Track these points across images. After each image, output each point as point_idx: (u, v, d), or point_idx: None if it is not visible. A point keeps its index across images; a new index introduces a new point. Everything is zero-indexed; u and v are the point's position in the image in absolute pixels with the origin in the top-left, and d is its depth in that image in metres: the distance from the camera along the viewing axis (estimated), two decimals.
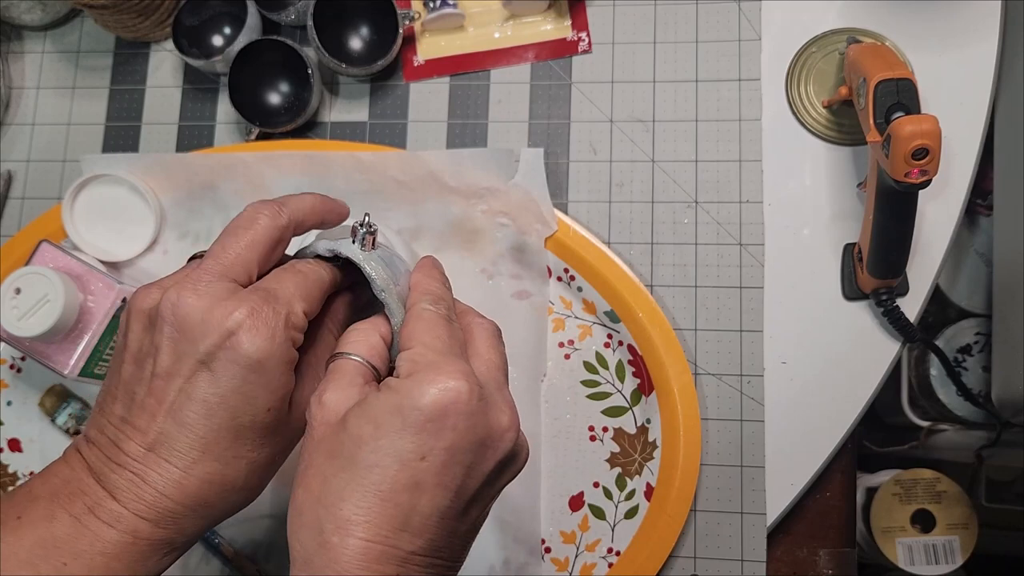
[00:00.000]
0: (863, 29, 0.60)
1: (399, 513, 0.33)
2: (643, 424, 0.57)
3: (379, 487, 0.33)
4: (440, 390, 0.34)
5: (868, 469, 0.86)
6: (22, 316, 0.51)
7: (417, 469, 0.33)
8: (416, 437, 0.33)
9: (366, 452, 0.33)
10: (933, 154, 0.46)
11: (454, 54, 0.63)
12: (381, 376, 0.39)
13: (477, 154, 0.58)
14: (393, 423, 0.33)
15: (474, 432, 0.34)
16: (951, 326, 0.79)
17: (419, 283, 0.41)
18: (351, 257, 0.40)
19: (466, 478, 0.35)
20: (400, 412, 0.34)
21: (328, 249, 0.40)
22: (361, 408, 0.35)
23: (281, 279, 0.38)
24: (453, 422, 0.34)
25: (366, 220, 0.41)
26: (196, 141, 0.64)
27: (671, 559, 0.55)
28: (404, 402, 0.34)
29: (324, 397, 0.36)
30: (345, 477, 0.34)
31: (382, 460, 0.33)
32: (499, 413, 0.36)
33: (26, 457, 0.60)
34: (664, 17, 0.62)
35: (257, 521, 0.57)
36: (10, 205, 0.65)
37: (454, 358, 0.36)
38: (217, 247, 0.37)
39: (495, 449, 0.36)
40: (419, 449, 0.33)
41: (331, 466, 0.34)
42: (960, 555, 0.79)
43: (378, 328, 0.39)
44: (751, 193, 0.59)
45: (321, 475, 0.34)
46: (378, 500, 0.33)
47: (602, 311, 0.58)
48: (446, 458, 0.34)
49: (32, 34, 0.67)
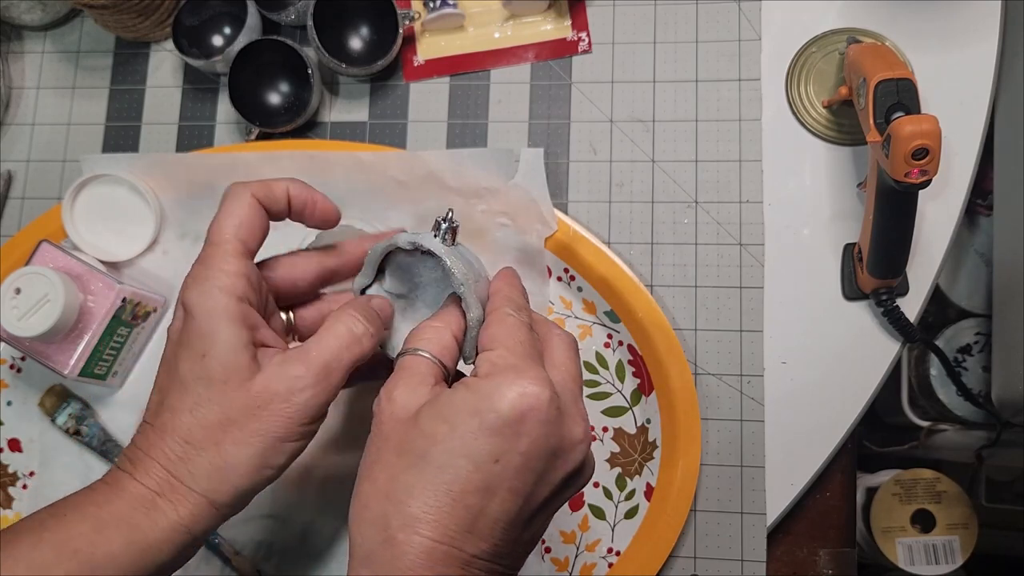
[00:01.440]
0: (863, 29, 0.60)
1: (468, 515, 0.33)
2: (643, 424, 0.57)
3: (451, 487, 0.33)
4: (519, 394, 0.34)
5: (868, 469, 0.86)
6: (22, 316, 0.51)
7: (490, 472, 0.33)
8: (492, 440, 0.33)
9: (439, 451, 0.33)
10: (933, 154, 0.46)
11: (454, 54, 0.63)
12: (450, 374, 0.39)
13: (477, 154, 0.58)
14: (470, 424, 0.33)
15: (548, 440, 0.34)
16: (951, 326, 0.79)
17: (501, 289, 0.41)
18: (433, 249, 0.41)
19: (536, 485, 0.35)
20: (478, 413, 0.33)
21: (409, 241, 0.41)
22: (436, 407, 0.35)
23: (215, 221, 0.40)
24: (530, 428, 0.34)
25: (450, 216, 0.42)
26: (196, 141, 0.64)
27: (671, 559, 0.55)
28: (482, 403, 0.34)
29: (395, 394, 0.36)
30: (415, 474, 0.33)
31: (455, 460, 0.33)
32: (573, 424, 0.36)
33: (26, 457, 0.60)
34: (664, 17, 0.62)
35: (257, 521, 0.57)
36: (10, 205, 0.65)
37: (534, 364, 0.36)
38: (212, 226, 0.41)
39: (566, 460, 0.36)
40: (494, 452, 0.33)
41: (401, 463, 0.34)
42: (960, 555, 0.79)
43: (451, 326, 0.39)
44: (751, 193, 0.59)
45: (390, 470, 0.34)
46: (448, 500, 0.33)
47: (602, 311, 0.58)
48: (520, 463, 0.34)
49: (32, 34, 0.67)
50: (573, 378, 0.38)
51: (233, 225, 0.40)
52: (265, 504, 0.57)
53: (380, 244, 0.43)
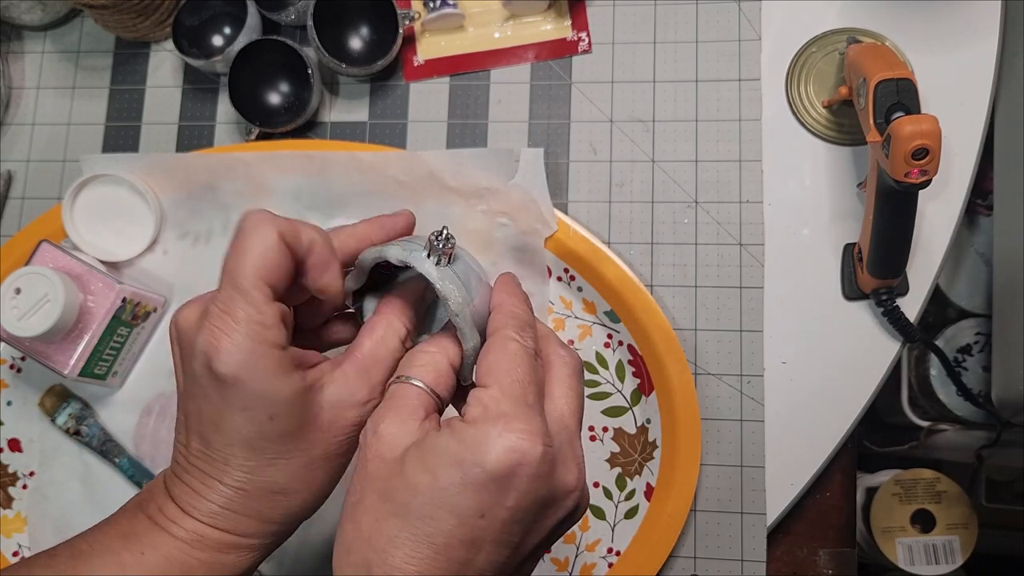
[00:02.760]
0: (863, 29, 0.60)
1: (452, 567, 0.32)
2: (643, 424, 0.57)
3: (433, 540, 0.32)
4: (507, 449, 0.32)
5: (868, 469, 0.86)
6: (22, 316, 0.51)
7: (475, 527, 0.32)
8: (476, 495, 0.32)
9: (421, 502, 0.32)
10: (933, 154, 0.46)
11: (454, 54, 0.63)
12: (444, 405, 0.37)
13: (477, 154, 0.58)
14: (453, 476, 0.32)
15: (538, 494, 0.33)
16: (951, 326, 0.79)
17: (503, 304, 0.38)
18: (424, 273, 0.37)
19: (525, 536, 0.34)
20: (461, 466, 0.32)
21: (400, 260, 0.38)
22: (420, 452, 0.33)
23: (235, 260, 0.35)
24: (518, 483, 0.32)
25: (444, 233, 0.38)
26: (196, 141, 0.64)
27: (671, 559, 0.55)
28: (467, 456, 0.32)
29: (381, 428, 0.34)
30: (398, 524, 0.32)
31: (437, 513, 0.32)
32: (566, 472, 0.34)
33: (26, 457, 0.60)
34: (664, 17, 0.62)
35: None
36: (10, 205, 0.65)
37: (528, 411, 0.33)
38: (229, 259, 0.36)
39: (557, 508, 0.34)
40: (479, 507, 0.32)
41: (383, 508, 0.33)
42: (960, 555, 0.79)
43: (447, 352, 0.37)
44: (751, 193, 0.59)
45: (373, 515, 0.33)
46: (431, 552, 0.32)
47: (602, 311, 0.58)
48: (507, 517, 0.32)
49: (32, 34, 0.67)
50: (572, 413, 0.36)
51: (255, 266, 0.34)
52: None
53: (371, 251, 0.39)
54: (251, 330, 0.34)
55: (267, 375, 0.34)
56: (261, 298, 0.34)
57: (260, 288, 0.34)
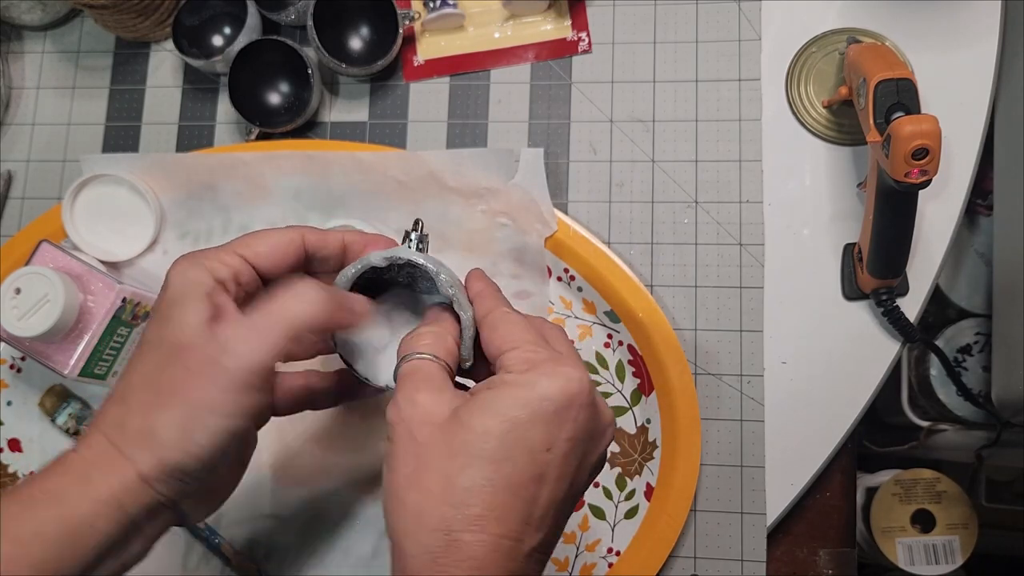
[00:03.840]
0: (863, 29, 0.60)
1: (525, 507, 0.34)
2: (643, 424, 0.57)
3: (510, 479, 0.34)
4: (566, 380, 0.35)
5: (868, 469, 0.86)
6: (22, 316, 0.51)
7: (543, 460, 0.34)
8: (545, 427, 0.34)
9: (496, 446, 0.34)
10: (933, 154, 0.46)
11: (454, 54, 0.63)
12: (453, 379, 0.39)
13: (477, 154, 0.58)
14: (522, 415, 0.34)
15: (589, 424, 0.36)
16: (951, 326, 0.79)
17: (485, 290, 0.41)
18: (412, 260, 0.40)
19: (578, 470, 0.36)
20: (529, 404, 0.34)
21: (385, 258, 0.40)
22: (482, 405, 0.35)
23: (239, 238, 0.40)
24: (575, 413, 0.35)
25: (420, 225, 0.41)
26: (196, 141, 0.64)
27: (671, 559, 0.55)
28: (532, 394, 0.34)
29: (419, 398, 0.36)
30: (473, 473, 0.33)
31: (513, 453, 0.34)
32: (604, 407, 0.38)
33: (26, 457, 0.60)
34: (664, 17, 0.62)
35: (257, 521, 0.57)
36: (10, 205, 0.65)
37: (565, 353, 0.37)
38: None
39: (599, 442, 0.37)
40: (546, 440, 0.34)
41: (454, 464, 0.34)
42: (960, 555, 0.79)
43: (449, 331, 0.40)
44: (751, 193, 0.59)
45: (442, 474, 0.34)
46: (509, 494, 0.34)
47: (602, 311, 0.58)
48: (567, 448, 0.35)
49: (32, 34, 0.67)
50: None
51: (258, 240, 0.40)
52: (265, 504, 0.57)
53: (349, 268, 0.41)
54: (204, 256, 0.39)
55: (185, 286, 0.37)
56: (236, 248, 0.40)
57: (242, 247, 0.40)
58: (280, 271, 0.41)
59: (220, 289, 0.38)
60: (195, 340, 0.36)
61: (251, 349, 0.36)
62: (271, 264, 0.40)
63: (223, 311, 0.38)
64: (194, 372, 0.36)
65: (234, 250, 0.39)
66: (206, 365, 0.36)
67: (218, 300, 0.38)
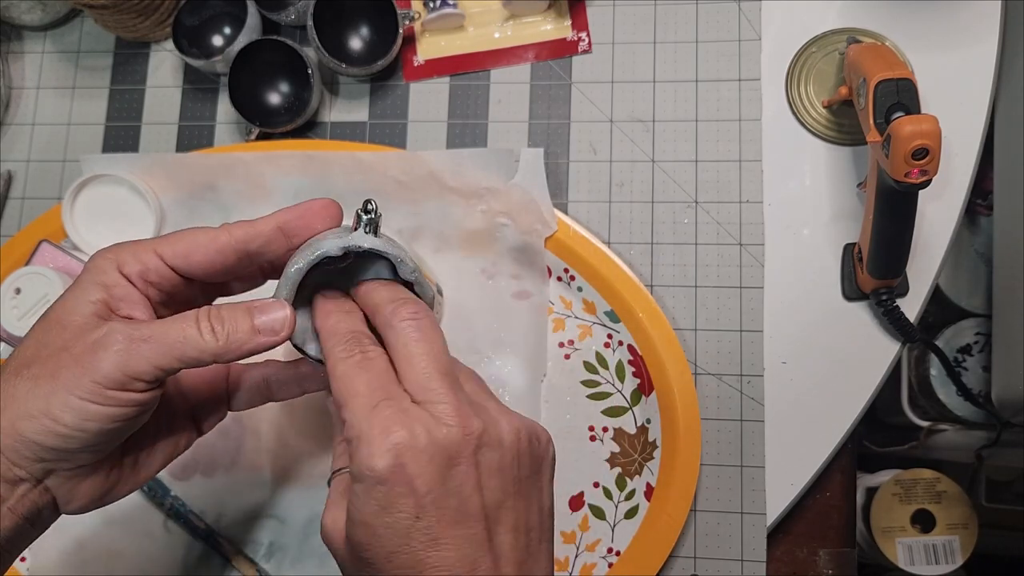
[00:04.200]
0: (863, 29, 0.60)
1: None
2: (643, 424, 0.57)
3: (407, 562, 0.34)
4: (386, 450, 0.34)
5: (868, 469, 0.86)
6: (22, 316, 0.51)
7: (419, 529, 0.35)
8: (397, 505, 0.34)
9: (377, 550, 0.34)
10: (933, 154, 0.46)
11: (454, 54, 0.63)
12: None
13: (477, 154, 0.58)
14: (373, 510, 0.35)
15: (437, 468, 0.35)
16: (951, 326, 0.79)
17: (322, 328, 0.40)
18: (373, 248, 0.38)
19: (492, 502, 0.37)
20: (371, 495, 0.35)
21: (341, 247, 0.38)
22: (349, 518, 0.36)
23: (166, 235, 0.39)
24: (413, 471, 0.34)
25: (371, 207, 0.38)
26: (196, 141, 0.64)
27: (671, 559, 0.55)
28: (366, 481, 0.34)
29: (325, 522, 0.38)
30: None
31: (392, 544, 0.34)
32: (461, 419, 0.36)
33: None
34: (664, 17, 0.62)
35: (257, 521, 0.57)
36: (10, 205, 0.65)
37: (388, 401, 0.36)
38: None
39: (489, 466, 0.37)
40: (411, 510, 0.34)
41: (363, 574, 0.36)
42: (960, 555, 0.79)
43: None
44: (751, 193, 0.59)
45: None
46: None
47: (602, 311, 0.58)
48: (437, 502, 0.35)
49: (32, 34, 0.67)
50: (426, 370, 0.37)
51: (180, 240, 0.39)
52: (265, 504, 0.57)
53: (300, 259, 0.38)
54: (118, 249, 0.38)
55: (86, 272, 0.37)
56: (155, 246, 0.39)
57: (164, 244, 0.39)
58: (208, 273, 0.39)
59: (123, 282, 0.37)
60: (76, 322, 0.36)
61: (121, 356, 0.35)
62: (193, 265, 0.38)
63: (120, 303, 0.37)
64: (65, 348, 0.35)
65: (154, 247, 0.38)
66: (84, 352, 0.35)
67: (116, 292, 0.37)
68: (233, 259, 0.39)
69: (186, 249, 0.38)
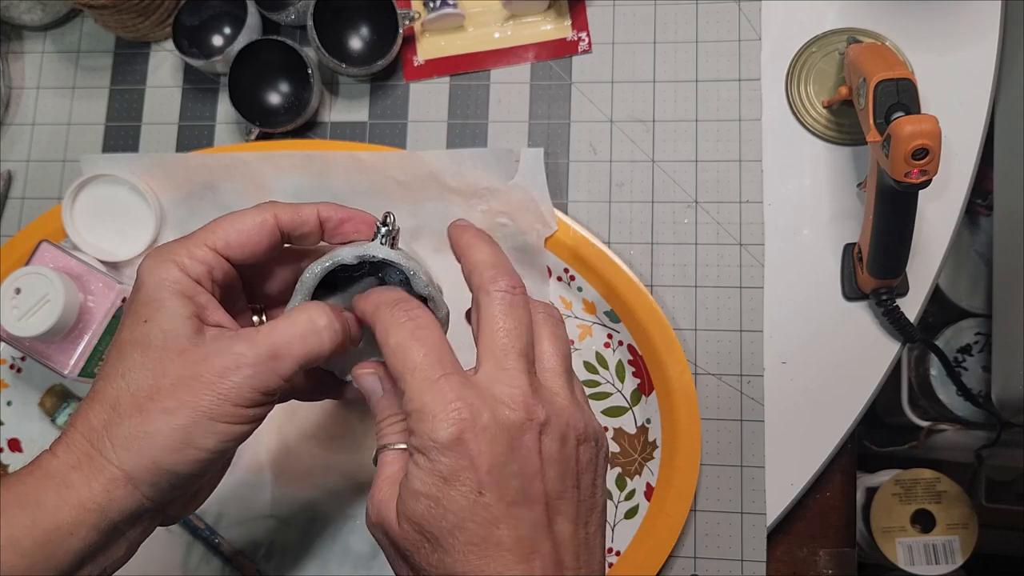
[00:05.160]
0: (863, 29, 0.60)
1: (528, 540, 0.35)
2: (643, 424, 0.57)
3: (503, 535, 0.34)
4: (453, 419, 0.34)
5: (868, 469, 0.86)
6: (22, 316, 0.51)
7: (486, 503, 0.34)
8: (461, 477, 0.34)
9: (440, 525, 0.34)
10: (933, 154, 0.46)
11: (454, 54, 0.63)
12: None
13: (477, 154, 0.58)
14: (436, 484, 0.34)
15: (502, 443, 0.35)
16: (951, 326, 0.79)
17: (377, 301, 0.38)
18: (385, 258, 0.38)
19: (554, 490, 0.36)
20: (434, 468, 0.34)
21: (356, 255, 0.38)
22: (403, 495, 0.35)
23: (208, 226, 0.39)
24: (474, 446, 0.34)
25: (390, 219, 0.39)
26: (196, 141, 0.64)
27: (671, 559, 0.55)
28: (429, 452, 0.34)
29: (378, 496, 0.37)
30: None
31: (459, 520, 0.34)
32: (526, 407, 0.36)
33: (26, 457, 0.60)
34: (664, 17, 0.62)
35: (257, 521, 0.57)
36: (10, 205, 0.65)
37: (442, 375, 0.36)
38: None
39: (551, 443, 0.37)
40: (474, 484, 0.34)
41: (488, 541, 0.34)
42: (960, 555, 0.79)
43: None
44: (751, 193, 0.59)
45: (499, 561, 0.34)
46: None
47: (602, 311, 0.58)
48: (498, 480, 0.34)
49: (32, 34, 0.67)
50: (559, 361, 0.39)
51: (227, 227, 0.38)
52: (265, 504, 0.57)
53: (316, 265, 0.39)
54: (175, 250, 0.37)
55: (160, 285, 0.36)
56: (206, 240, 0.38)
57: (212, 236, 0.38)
58: (256, 258, 0.39)
59: (199, 288, 0.37)
60: (184, 345, 0.35)
61: (253, 374, 0.35)
62: (245, 253, 0.38)
63: (205, 311, 0.37)
64: (193, 380, 0.35)
65: (203, 241, 0.38)
66: (215, 378, 0.35)
67: (200, 300, 0.37)
68: (277, 242, 0.40)
69: (237, 238, 0.38)
